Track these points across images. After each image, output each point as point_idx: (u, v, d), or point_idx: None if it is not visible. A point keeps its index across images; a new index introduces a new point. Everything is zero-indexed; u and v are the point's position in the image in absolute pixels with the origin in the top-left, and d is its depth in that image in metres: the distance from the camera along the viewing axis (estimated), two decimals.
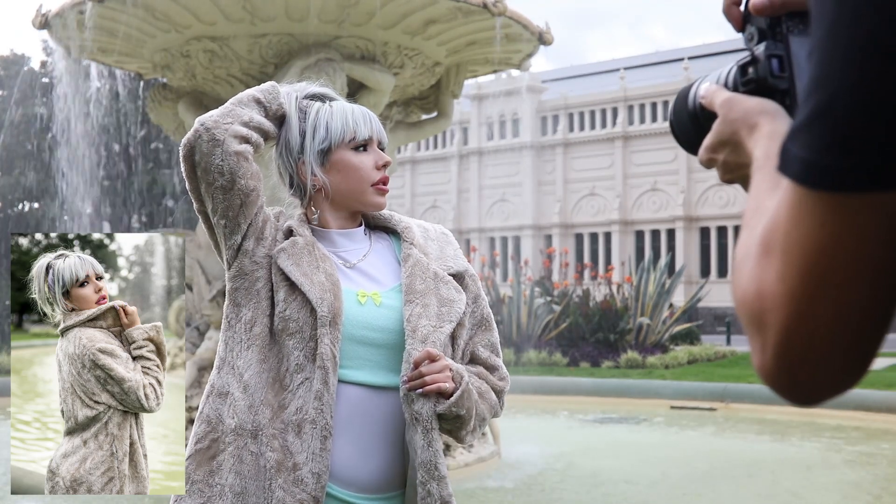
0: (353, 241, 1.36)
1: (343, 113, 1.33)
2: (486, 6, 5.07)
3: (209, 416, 1.29)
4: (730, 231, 34.57)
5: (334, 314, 1.24)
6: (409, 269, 1.32)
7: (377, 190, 1.33)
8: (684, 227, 35.33)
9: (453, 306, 1.31)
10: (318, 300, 1.24)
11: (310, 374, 1.23)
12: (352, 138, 1.32)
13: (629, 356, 11.34)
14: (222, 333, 1.33)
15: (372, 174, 1.32)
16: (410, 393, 1.24)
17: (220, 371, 1.31)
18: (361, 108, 1.36)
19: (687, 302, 14.95)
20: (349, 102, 1.37)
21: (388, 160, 1.34)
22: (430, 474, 1.23)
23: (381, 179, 1.33)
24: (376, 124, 1.35)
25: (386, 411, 1.27)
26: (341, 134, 1.32)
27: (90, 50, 5.52)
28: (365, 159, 1.32)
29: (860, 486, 5.17)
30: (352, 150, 1.32)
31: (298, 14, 4.94)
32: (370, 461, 1.26)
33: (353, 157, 1.32)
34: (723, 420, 8.04)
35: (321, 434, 1.21)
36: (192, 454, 1.29)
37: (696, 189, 35.28)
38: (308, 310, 1.25)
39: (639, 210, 36.67)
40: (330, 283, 1.27)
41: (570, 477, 5.32)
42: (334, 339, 1.24)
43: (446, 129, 6.56)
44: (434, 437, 1.24)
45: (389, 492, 1.27)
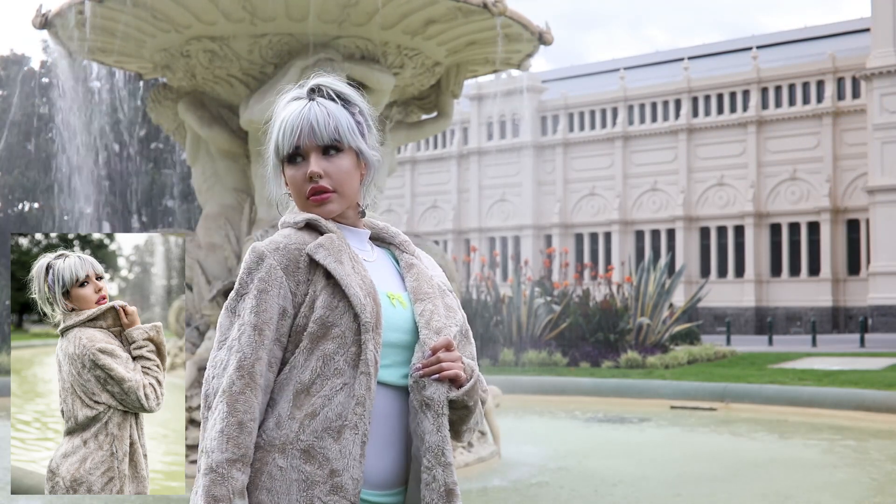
0: (362, 241, 1.36)
1: (281, 124, 1.31)
2: (486, 6, 5.07)
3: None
4: (730, 231, 34.55)
5: (377, 320, 1.25)
6: (416, 276, 1.35)
7: (312, 202, 1.31)
8: (684, 226, 35.31)
9: (456, 314, 1.35)
10: (362, 305, 1.24)
11: (349, 378, 1.23)
12: (285, 154, 1.31)
13: (629, 356, 11.34)
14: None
15: (302, 187, 1.30)
16: (422, 379, 1.25)
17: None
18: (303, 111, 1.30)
19: (687, 302, 14.95)
20: (310, 102, 1.31)
21: (314, 171, 1.28)
22: (437, 459, 1.25)
23: (311, 190, 1.30)
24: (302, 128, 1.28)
25: (398, 408, 1.28)
26: (277, 150, 1.32)
27: (90, 50, 5.52)
28: (296, 173, 1.30)
29: (859, 485, 5.17)
30: (289, 163, 1.31)
31: (299, 14, 4.94)
32: (384, 458, 1.27)
33: (289, 171, 1.31)
34: (722, 420, 8.04)
35: (361, 440, 1.22)
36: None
37: (696, 189, 35.26)
38: (351, 314, 1.24)
39: (639, 210, 36.65)
40: (367, 285, 1.27)
41: (570, 476, 5.31)
42: (377, 343, 1.25)
43: (446, 128, 6.57)
44: (443, 423, 1.26)
45: (397, 487, 1.29)
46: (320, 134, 1.30)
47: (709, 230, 35.82)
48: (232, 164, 5.69)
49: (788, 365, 11.74)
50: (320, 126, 1.29)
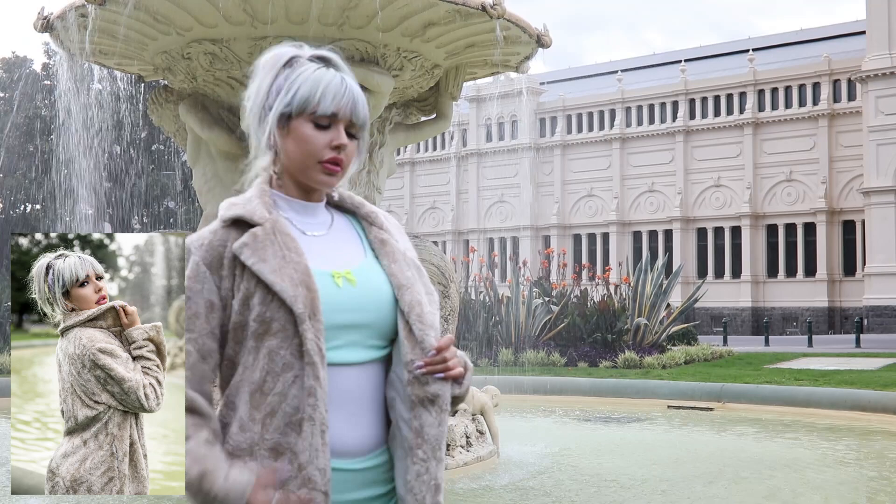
0: (313, 215, 1.33)
1: (317, 82, 1.27)
2: (485, 9, 5.09)
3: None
4: (726, 232, 34.59)
5: (312, 308, 1.22)
6: (390, 255, 1.33)
7: (324, 168, 1.28)
8: (681, 227, 35.35)
9: (434, 295, 1.35)
10: (292, 297, 1.22)
11: (299, 371, 1.23)
12: (313, 111, 1.27)
13: (627, 356, 11.36)
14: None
15: (322, 152, 1.27)
16: (424, 376, 1.27)
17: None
18: (343, 81, 1.29)
19: (684, 302, 14.99)
20: (342, 73, 1.30)
21: (344, 142, 1.28)
22: (434, 453, 1.27)
23: (330, 159, 1.28)
24: (346, 101, 1.28)
25: (369, 384, 1.29)
26: (304, 103, 1.27)
27: (91, 52, 5.53)
28: (320, 135, 1.27)
29: (856, 485, 5.19)
30: (311, 122, 1.27)
31: (299, 17, 4.96)
32: (358, 429, 1.28)
33: (308, 130, 1.27)
34: (720, 420, 8.06)
35: (320, 430, 1.22)
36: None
37: (693, 190, 35.30)
38: (287, 308, 1.22)
39: (636, 211, 36.69)
40: (299, 274, 1.24)
41: (568, 476, 5.33)
42: (317, 331, 1.23)
43: (445, 130, 6.57)
44: (444, 419, 1.28)
45: (376, 450, 1.30)
46: (358, 114, 1.30)
47: (706, 231, 35.84)
48: (232, 166, 5.70)
49: (785, 365, 11.77)
50: (360, 106, 1.30)
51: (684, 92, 35.30)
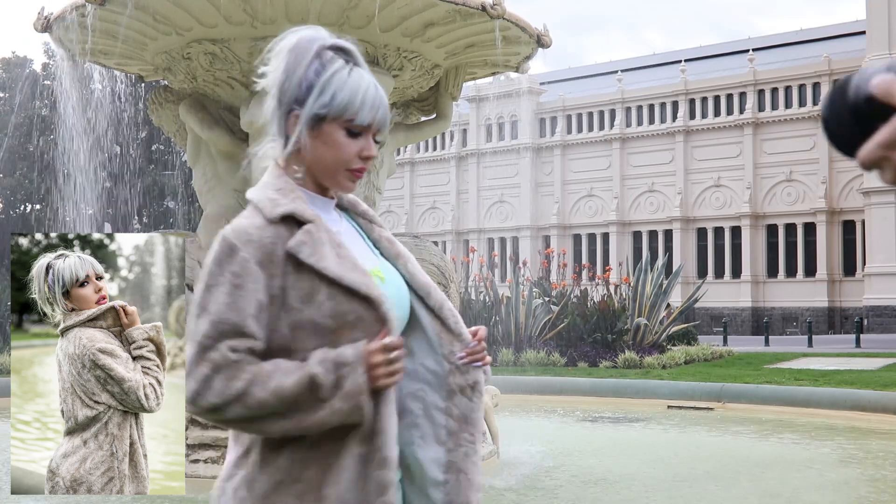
0: (330, 212, 1.34)
1: (356, 89, 1.27)
2: (485, 9, 5.09)
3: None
4: (726, 232, 34.59)
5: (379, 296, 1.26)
6: (404, 256, 1.38)
7: (350, 175, 1.30)
8: (681, 227, 35.35)
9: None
10: (366, 287, 1.24)
11: None
12: (350, 119, 1.27)
13: (627, 356, 11.36)
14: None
15: (353, 161, 1.29)
16: (464, 365, 1.36)
17: None
18: (377, 89, 1.30)
19: (684, 302, 14.99)
20: (368, 74, 1.31)
21: (374, 154, 1.31)
22: (477, 435, 1.36)
23: (358, 168, 1.30)
24: (381, 112, 1.29)
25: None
26: (342, 110, 1.27)
27: (91, 52, 5.53)
28: (352, 144, 1.28)
29: (855, 485, 5.19)
30: (344, 129, 1.28)
31: (299, 17, 4.96)
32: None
33: (341, 137, 1.27)
34: (720, 420, 8.07)
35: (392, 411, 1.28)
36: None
37: (693, 190, 35.30)
38: (360, 297, 1.23)
39: (636, 211, 36.69)
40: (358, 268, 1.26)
41: (568, 476, 5.34)
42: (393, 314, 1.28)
43: (445, 130, 6.57)
44: (481, 403, 1.39)
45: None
46: (386, 122, 1.32)
47: (706, 231, 35.83)
48: (233, 166, 5.70)
49: (785, 365, 11.77)
50: (387, 114, 1.32)
51: (684, 92, 35.31)
